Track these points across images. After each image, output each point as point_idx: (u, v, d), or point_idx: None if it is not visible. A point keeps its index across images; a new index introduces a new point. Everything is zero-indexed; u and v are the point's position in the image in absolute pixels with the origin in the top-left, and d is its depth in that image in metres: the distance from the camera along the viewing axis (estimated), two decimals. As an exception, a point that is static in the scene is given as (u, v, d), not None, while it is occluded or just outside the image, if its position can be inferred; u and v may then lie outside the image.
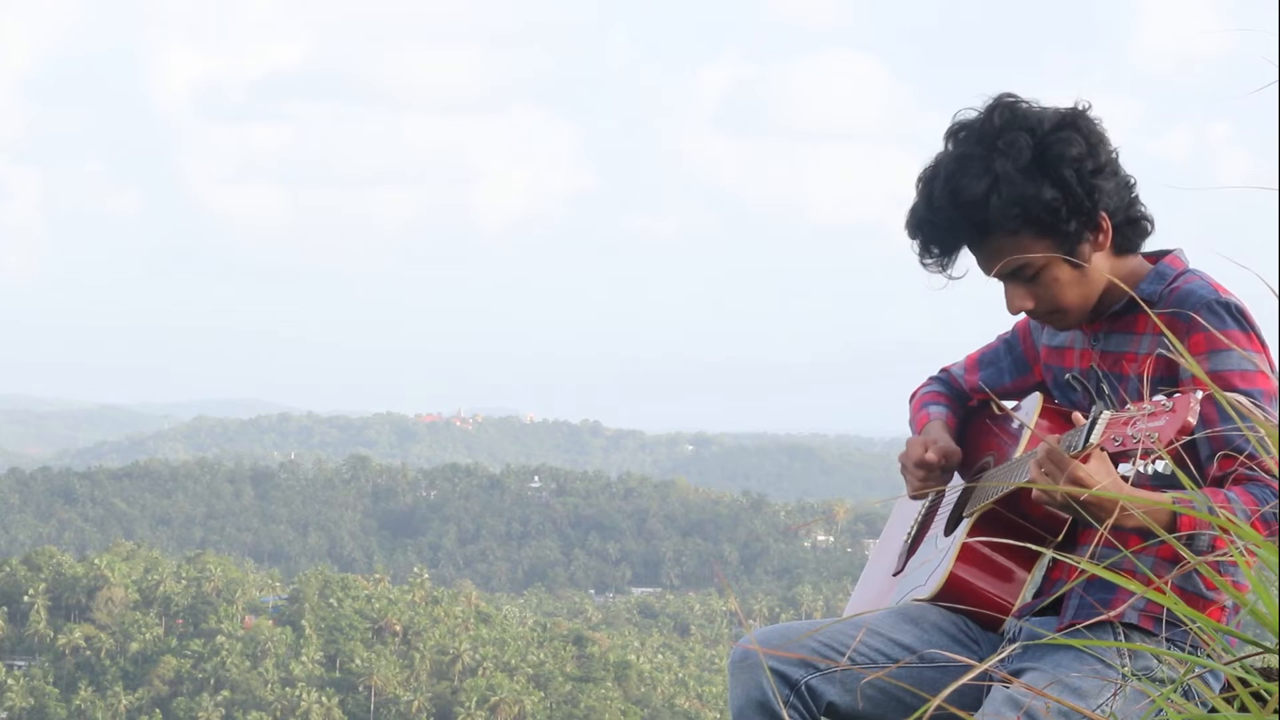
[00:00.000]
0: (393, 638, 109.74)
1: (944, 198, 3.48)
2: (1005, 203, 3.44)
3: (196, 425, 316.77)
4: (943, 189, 3.49)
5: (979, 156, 3.47)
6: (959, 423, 3.98)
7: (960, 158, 3.49)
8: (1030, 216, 3.45)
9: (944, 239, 3.53)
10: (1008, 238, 3.48)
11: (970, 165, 3.47)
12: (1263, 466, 3.30)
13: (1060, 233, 3.48)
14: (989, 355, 3.97)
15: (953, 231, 3.51)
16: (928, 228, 3.53)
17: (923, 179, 3.55)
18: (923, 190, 3.54)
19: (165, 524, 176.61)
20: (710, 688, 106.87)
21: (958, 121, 3.53)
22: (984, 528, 3.63)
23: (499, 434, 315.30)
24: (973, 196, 3.45)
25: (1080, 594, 3.54)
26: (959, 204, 3.47)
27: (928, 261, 3.57)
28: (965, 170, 3.47)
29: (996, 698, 3.45)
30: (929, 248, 3.55)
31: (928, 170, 3.54)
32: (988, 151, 3.47)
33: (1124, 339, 3.58)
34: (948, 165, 3.50)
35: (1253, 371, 3.40)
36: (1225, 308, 3.44)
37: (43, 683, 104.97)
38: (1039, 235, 3.48)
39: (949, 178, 3.49)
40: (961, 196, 3.46)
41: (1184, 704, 3.15)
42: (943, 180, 3.49)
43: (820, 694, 3.59)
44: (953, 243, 3.54)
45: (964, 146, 3.50)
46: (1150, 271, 3.58)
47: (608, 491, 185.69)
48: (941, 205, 3.49)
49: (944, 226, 3.51)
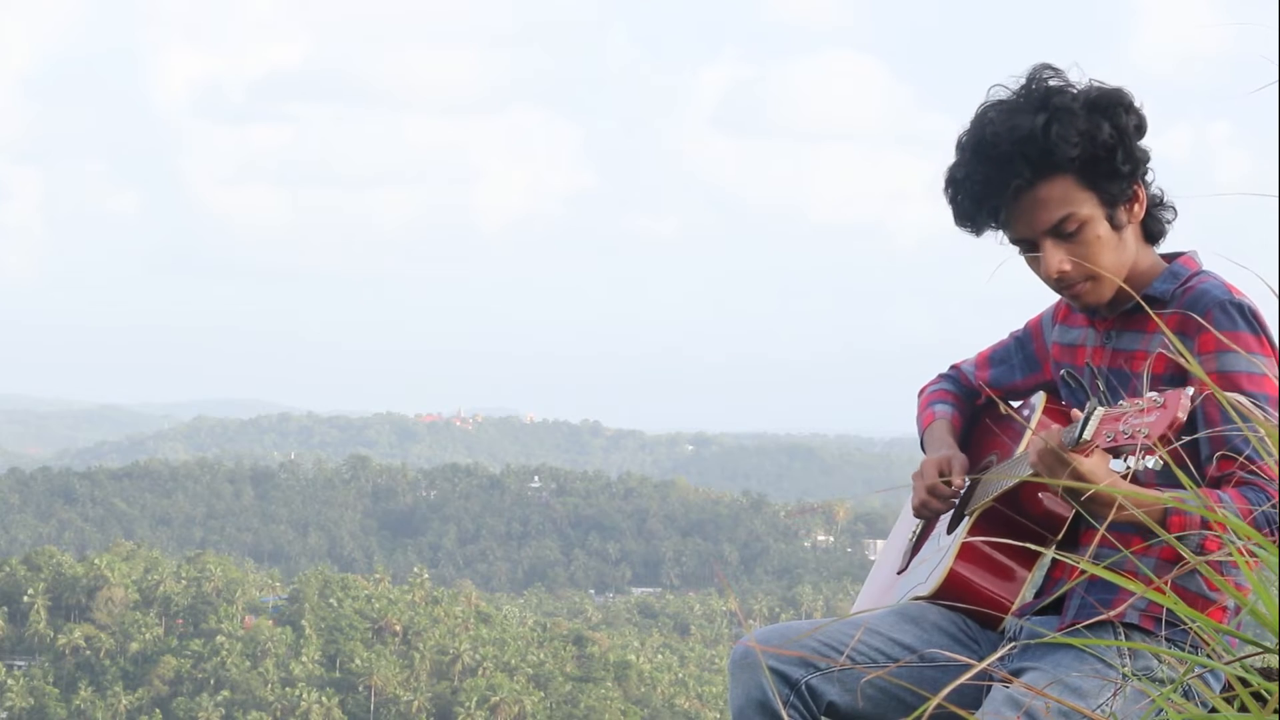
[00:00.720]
0: (393, 638, 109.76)
1: (1000, 135, 3.44)
2: (1066, 130, 3.41)
3: (196, 425, 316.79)
4: (997, 127, 3.45)
5: (1030, 103, 3.45)
6: (967, 421, 3.97)
7: (1009, 108, 3.47)
8: (1088, 152, 3.43)
9: (992, 185, 3.47)
10: (1059, 182, 3.44)
11: (1022, 108, 3.45)
12: (1263, 469, 3.30)
13: (1102, 187, 3.46)
14: (1000, 352, 3.95)
15: (1003, 173, 3.45)
16: (975, 173, 3.48)
17: (973, 125, 3.50)
18: (972, 134, 3.49)
19: (165, 524, 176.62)
20: (710, 688, 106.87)
21: (998, 88, 3.51)
22: (985, 526, 3.63)
23: (499, 434, 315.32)
24: (1031, 130, 3.42)
25: (1081, 594, 3.53)
26: (1016, 139, 3.43)
27: (965, 220, 3.53)
28: (1019, 111, 3.45)
29: (996, 697, 3.44)
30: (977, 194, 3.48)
31: (972, 124, 3.51)
32: (1041, 97, 3.45)
33: (1135, 337, 3.57)
34: (997, 114, 3.47)
35: (1260, 374, 3.39)
36: (1238, 309, 3.44)
37: (43, 683, 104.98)
38: (1082, 184, 3.45)
39: (1004, 118, 3.45)
40: (1019, 131, 3.43)
41: (1184, 704, 3.15)
42: (996, 123, 3.45)
43: (820, 693, 3.59)
44: (1000, 188, 3.46)
45: (1010, 101, 3.48)
46: (1165, 271, 3.58)
47: (608, 491, 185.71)
48: (995, 143, 3.44)
49: (995, 169, 3.45)
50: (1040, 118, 3.42)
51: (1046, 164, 3.43)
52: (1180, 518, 3.24)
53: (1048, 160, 3.43)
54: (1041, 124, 3.42)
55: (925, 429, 3.96)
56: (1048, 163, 3.43)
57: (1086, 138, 3.42)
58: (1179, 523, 3.24)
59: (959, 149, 3.52)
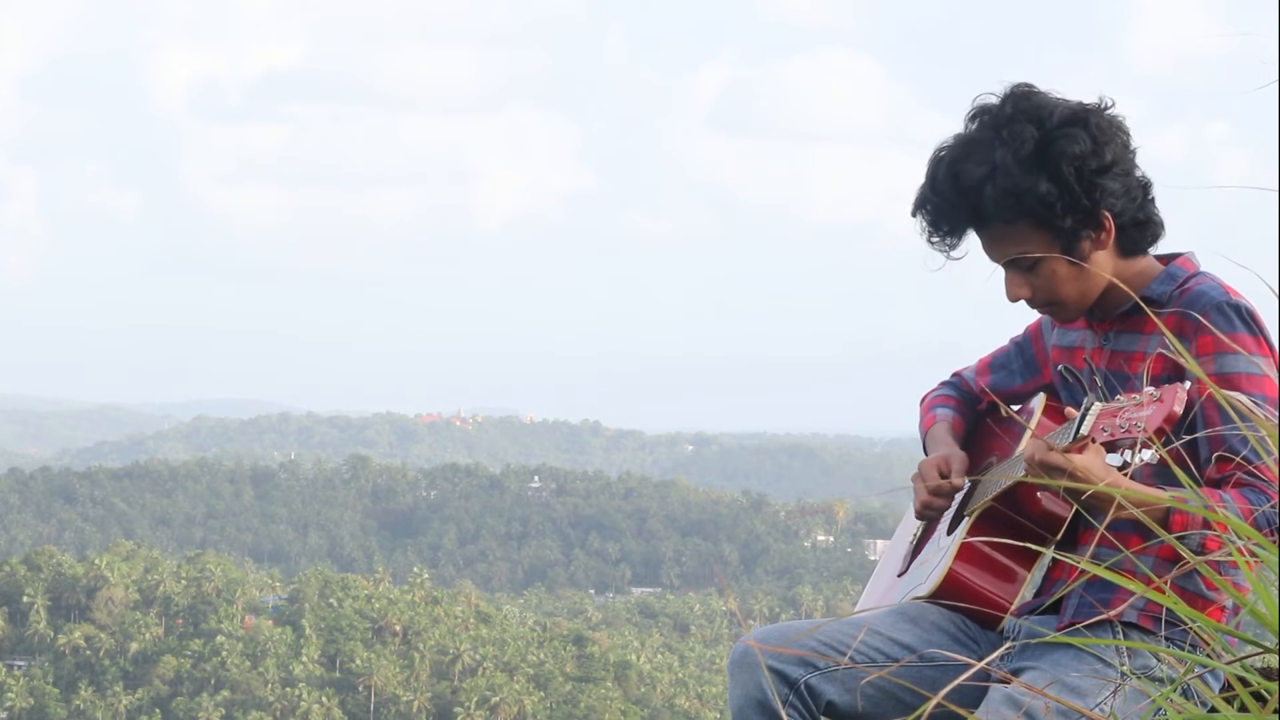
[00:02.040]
0: (393, 638, 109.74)
1: (945, 181, 3.52)
2: (999, 192, 3.46)
3: (196, 425, 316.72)
4: (945, 172, 3.53)
5: (984, 142, 3.50)
6: (969, 426, 3.99)
7: (967, 142, 3.53)
8: (1024, 208, 3.47)
9: (946, 220, 3.57)
10: (1004, 226, 3.51)
11: (974, 151, 3.51)
12: (1262, 470, 3.31)
13: (1056, 227, 3.49)
14: (1000, 358, 3.97)
15: (952, 214, 3.55)
16: (931, 207, 3.57)
17: (932, 159, 3.58)
18: (929, 171, 3.58)
19: (165, 524, 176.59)
20: (710, 688, 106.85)
21: (976, 105, 3.56)
22: (984, 526, 3.64)
23: (499, 434, 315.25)
24: (970, 183, 3.49)
25: (1080, 593, 3.54)
26: (958, 189, 3.50)
27: (933, 240, 3.60)
28: (968, 155, 3.51)
29: (995, 697, 3.45)
30: (934, 226, 3.58)
31: (938, 150, 3.58)
32: (993, 139, 3.49)
33: (1133, 339, 3.59)
34: (954, 148, 3.54)
35: (1259, 375, 3.40)
36: (1235, 310, 3.45)
37: (43, 683, 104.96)
38: (1035, 227, 3.50)
39: (952, 162, 3.53)
40: (961, 181, 3.50)
41: (1184, 703, 3.15)
42: (946, 164, 3.53)
43: (820, 693, 3.59)
44: (954, 225, 3.57)
45: (975, 131, 3.53)
46: (1161, 273, 3.59)
47: (608, 491, 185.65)
48: (943, 188, 3.53)
49: (944, 209, 3.55)
50: (981, 170, 3.48)
51: (988, 215, 3.50)
52: (1182, 517, 3.25)
53: (987, 214, 3.50)
54: (979, 179, 3.48)
55: (926, 432, 3.98)
56: (989, 214, 3.50)
57: (1021, 195, 3.46)
58: (1181, 522, 3.25)
59: (926, 170, 3.59)
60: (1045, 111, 3.49)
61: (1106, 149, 3.48)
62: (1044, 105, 3.50)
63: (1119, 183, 3.49)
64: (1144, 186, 3.54)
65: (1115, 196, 3.49)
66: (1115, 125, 3.52)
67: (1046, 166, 3.46)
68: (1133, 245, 3.56)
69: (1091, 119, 3.49)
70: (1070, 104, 3.51)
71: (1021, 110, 3.50)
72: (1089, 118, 3.49)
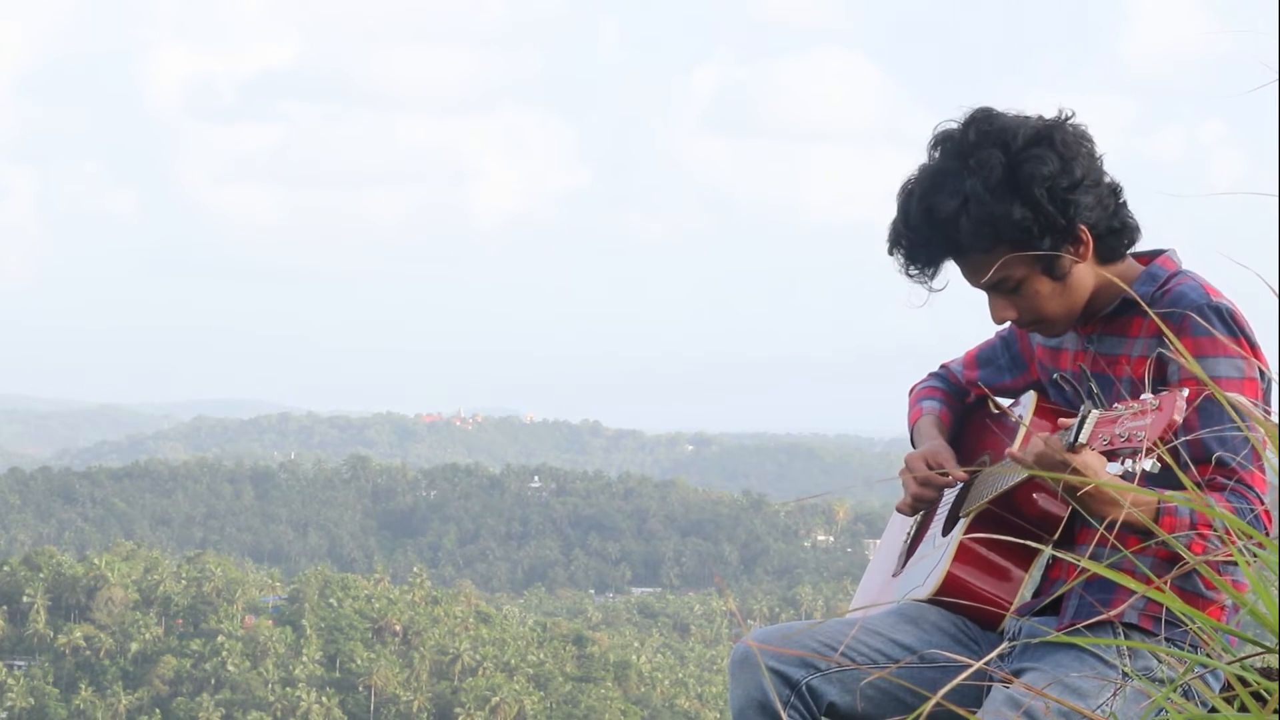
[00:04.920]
0: (393, 638, 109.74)
1: (919, 216, 3.51)
2: (975, 223, 3.45)
3: (196, 425, 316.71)
4: (917, 207, 3.51)
5: (952, 173, 3.48)
6: (956, 419, 3.99)
7: (934, 174, 3.51)
8: (1002, 236, 3.46)
9: (923, 254, 3.55)
10: (983, 256, 3.49)
11: (943, 182, 3.48)
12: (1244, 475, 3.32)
13: (1034, 249, 3.48)
14: (987, 353, 3.98)
15: (929, 248, 3.53)
16: (906, 243, 3.55)
17: (900, 194, 3.56)
18: (900, 206, 3.56)
19: (165, 524, 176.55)
20: (710, 688, 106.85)
21: (937, 133, 3.54)
22: (981, 527, 3.64)
23: (499, 434, 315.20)
24: (944, 215, 3.47)
25: (1080, 593, 3.54)
26: (932, 223, 3.49)
27: (911, 274, 3.58)
28: (938, 187, 3.49)
29: (996, 697, 3.45)
30: (911, 261, 3.57)
31: (905, 185, 3.56)
32: (960, 168, 3.47)
33: (1117, 341, 3.58)
34: (922, 182, 3.52)
35: (1238, 378, 3.40)
36: (1216, 312, 3.44)
37: (43, 683, 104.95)
38: (1014, 251, 3.48)
39: (923, 196, 3.51)
40: (935, 215, 3.48)
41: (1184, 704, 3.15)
42: (917, 198, 3.51)
43: (820, 694, 3.59)
44: (931, 258, 3.55)
45: (939, 161, 3.51)
46: (1142, 273, 3.58)
47: (608, 491, 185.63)
48: (917, 223, 3.52)
49: (920, 243, 3.53)
50: (954, 202, 3.46)
51: (966, 246, 3.49)
52: (1172, 518, 3.26)
53: (965, 245, 3.49)
54: (953, 211, 3.46)
55: (914, 425, 3.99)
56: (966, 246, 3.49)
57: (998, 224, 3.44)
58: (1170, 523, 3.26)
59: (896, 202, 3.57)
60: (1009, 134, 3.47)
61: (1075, 164, 3.46)
62: (1007, 128, 3.48)
63: (1091, 195, 3.48)
64: (1115, 192, 3.53)
65: (1089, 209, 3.48)
66: (1080, 136, 3.49)
67: (1018, 191, 3.44)
68: (1111, 252, 3.56)
69: (1055, 135, 3.47)
70: (1032, 122, 3.49)
71: (985, 135, 3.48)
72: (1053, 134, 3.47)
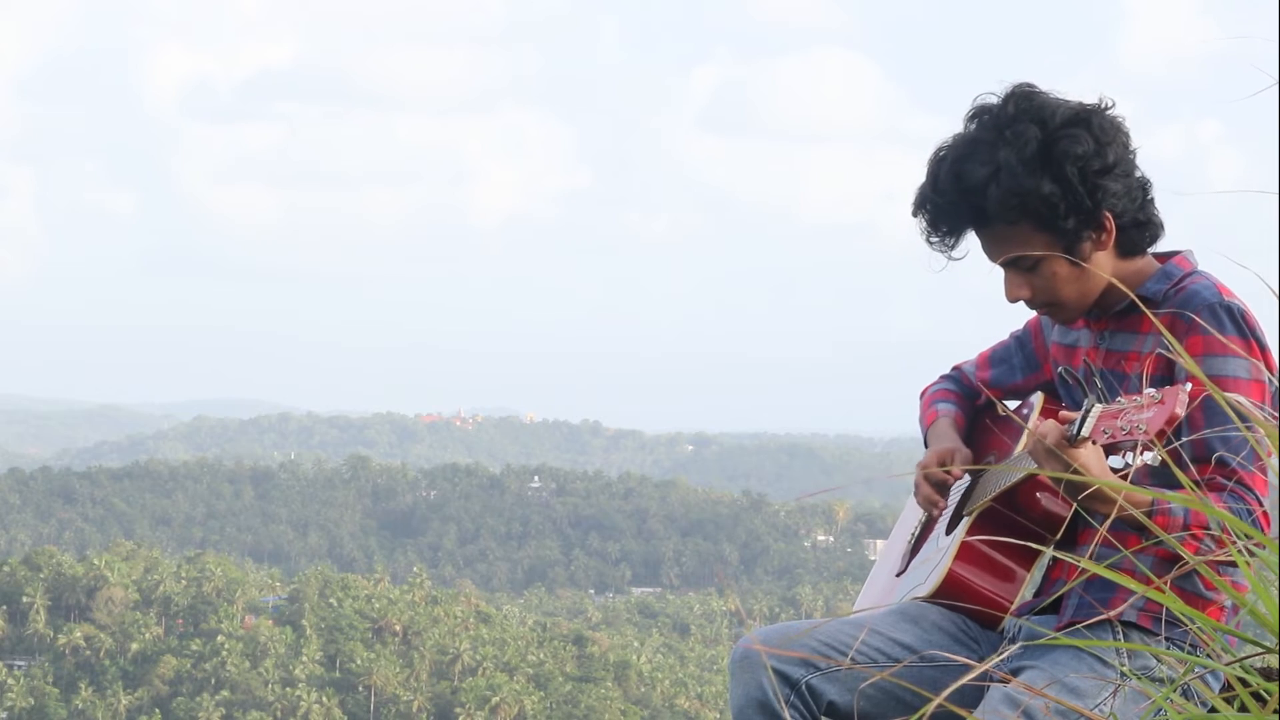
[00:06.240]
0: (393, 638, 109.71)
1: (948, 181, 3.52)
2: (1003, 193, 3.46)
3: (196, 425, 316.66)
4: (948, 172, 3.52)
5: (987, 143, 3.50)
6: (968, 421, 3.99)
7: (970, 142, 3.52)
8: (1028, 209, 3.47)
9: (947, 220, 3.56)
10: (1007, 227, 3.50)
11: (977, 151, 3.50)
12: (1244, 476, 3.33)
13: (1058, 228, 3.49)
14: (1001, 352, 3.97)
15: (954, 215, 3.54)
16: (932, 208, 3.56)
17: (932, 159, 3.57)
18: (930, 171, 3.57)
19: (165, 524, 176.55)
20: (710, 688, 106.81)
21: (976, 105, 3.56)
22: (983, 526, 3.64)
23: (499, 434, 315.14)
24: (974, 183, 3.48)
25: (1080, 593, 3.54)
26: (961, 189, 3.50)
27: (933, 240, 3.59)
28: (971, 155, 3.50)
29: (995, 696, 3.45)
30: (934, 226, 3.58)
31: (938, 150, 3.57)
32: (995, 139, 3.49)
33: (1129, 338, 3.59)
34: (956, 148, 3.54)
35: (1247, 379, 3.41)
36: (1227, 311, 3.45)
37: (43, 683, 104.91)
38: (1038, 228, 3.50)
39: (955, 161, 3.52)
40: (964, 182, 3.49)
41: (1184, 704, 3.15)
42: (949, 164, 3.53)
43: (821, 693, 3.59)
44: (955, 225, 3.56)
45: (976, 131, 3.53)
46: (1157, 271, 3.60)
47: (608, 491, 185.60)
48: (945, 188, 3.52)
49: (946, 209, 3.54)
50: (985, 170, 3.47)
51: (991, 216, 3.50)
52: (1165, 517, 3.26)
53: (991, 215, 3.49)
54: (983, 179, 3.47)
55: (929, 427, 3.98)
56: (992, 215, 3.50)
57: (1025, 196, 3.46)
58: (1164, 522, 3.27)
59: (927, 170, 3.58)
60: (1048, 112, 3.49)
61: (1109, 150, 3.48)
62: (1046, 105, 3.50)
63: (1120, 184, 3.50)
64: (1144, 187, 3.55)
65: (1117, 197, 3.50)
66: (1116, 126, 3.52)
67: (1050, 167, 3.46)
68: (1132, 246, 3.57)
69: (1094, 119, 3.49)
70: (1072, 104, 3.52)
71: (1024, 110, 3.50)
72: (1091, 118, 3.49)
